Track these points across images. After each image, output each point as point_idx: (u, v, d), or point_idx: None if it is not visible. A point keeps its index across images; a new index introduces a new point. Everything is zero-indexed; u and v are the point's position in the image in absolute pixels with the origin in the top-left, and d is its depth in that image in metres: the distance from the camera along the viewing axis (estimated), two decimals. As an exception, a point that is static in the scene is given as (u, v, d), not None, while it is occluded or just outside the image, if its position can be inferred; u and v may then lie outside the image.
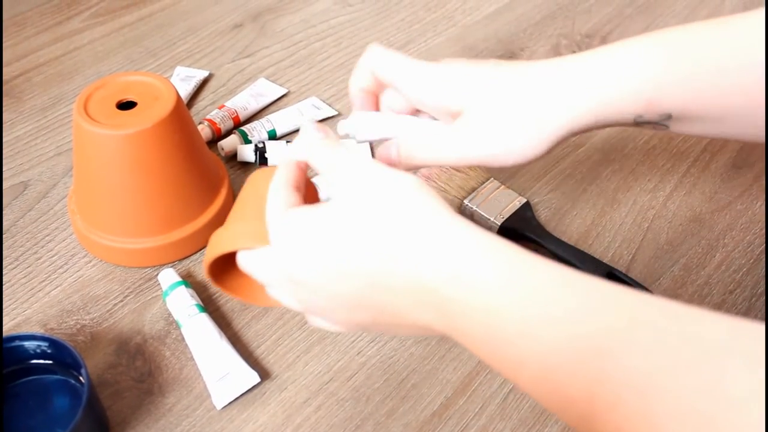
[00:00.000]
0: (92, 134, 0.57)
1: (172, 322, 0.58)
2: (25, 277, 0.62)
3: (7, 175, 0.71)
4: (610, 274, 0.60)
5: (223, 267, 0.48)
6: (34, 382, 0.53)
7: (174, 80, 0.81)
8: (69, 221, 0.66)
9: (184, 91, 0.78)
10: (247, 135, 0.73)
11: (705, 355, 0.30)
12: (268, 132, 0.74)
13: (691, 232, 0.66)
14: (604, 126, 0.49)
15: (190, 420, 0.53)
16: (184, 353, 0.57)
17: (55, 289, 0.61)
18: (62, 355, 0.51)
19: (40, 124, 0.77)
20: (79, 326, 0.58)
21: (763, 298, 0.61)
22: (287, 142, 0.72)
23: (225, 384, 0.53)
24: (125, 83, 0.60)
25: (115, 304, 0.60)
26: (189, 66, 0.84)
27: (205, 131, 0.73)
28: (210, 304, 0.60)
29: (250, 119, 0.77)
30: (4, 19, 0.91)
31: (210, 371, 0.54)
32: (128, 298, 0.60)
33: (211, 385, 0.54)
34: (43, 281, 0.62)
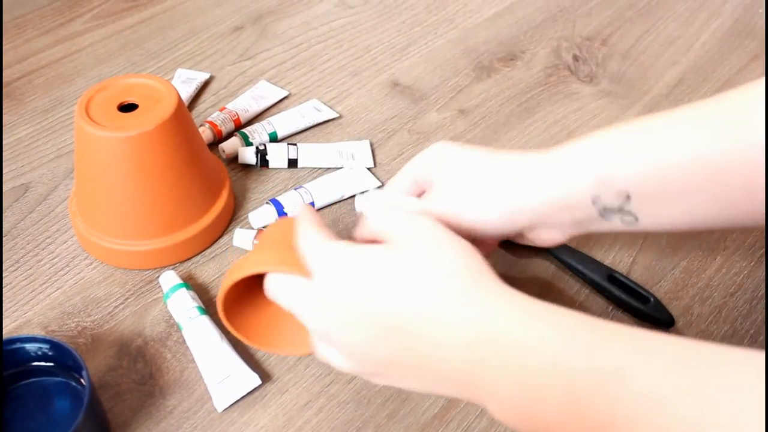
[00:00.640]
0: (94, 136, 0.57)
1: (173, 325, 0.58)
2: (26, 280, 0.62)
3: (7, 177, 0.71)
4: (611, 277, 0.61)
5: (235, 306, 0.49)
6: (35, 385, 0.53)
7: (175, 82, 0.81)
8: (70, 223, 0.66)
9: (186, 94, 0.79)
10: (248, 137, 0.73)
11: (720, 394, 0.31)
12: (269, 134, 0.74)
13: (691, 235, 0.66)
14: (571, 223, 0.48)
15: (191, 422, 0.53)
16: (185, 355, 0.56)
17: (56, 291, 0.61)
18: (63, 358, 0.51)
19: (41, 126, 0.77)
20: (80, 328, 0.58)
21: (764, 301, 0.61)
22: (288, 145, 0.72)
23: (226, 386, 0.53)
24: (127, 85, 0.60)
25: (116, 307, 0.60)
26: (190, 68, 0.84)
27: (206, 133, 0.73)
28: (211, 307, 0.60)
29: (251, 121, 0.77)
30: (6, 21, 0.91)
31: (211, 373, 0.54)
32: (129, 301, 0.60)
33: (212, 387, 0.54)
34: (44, 283, 0.62)
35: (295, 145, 0.72)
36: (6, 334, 0.58)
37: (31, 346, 0.51)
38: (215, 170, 0.66)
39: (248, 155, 0.71)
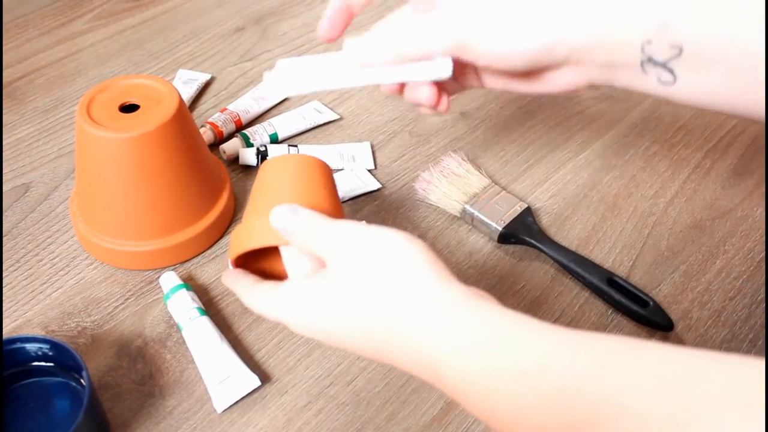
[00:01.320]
0: (95, 137, 0.57)
1: (173, 325, 0.58)
2: (26, 279, 0.62)
3: (8, 177, 0.71)
4: (611, 281, 0.61)
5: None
6: (34, 385, 0.53)
7: (176, 83, 0.81)
8: (70, 223, 0.66)
9: (187, 94, 0.79)
10: (249, 138, 0.73)
11: (702, 407, 0.30)
12: (270, 135, 0.74)
13: (691, 239, 0.66)
14: (602, 66, 0.44)
15: (191, 423, 0.53)
16: (184, 356, 0.57)
17: (56, 291, 0.61)
18: (63, 358, 0.51)
19: (41, 126, 0.77)
20: (80, 329, 0.58)
21: (763, 305, 0.61)
22: (289, 146, 0.72)
23: (226, 387, 0.53)
24: (128, 86, 0.60)
25: (116, 307, 0.60)
26: (191, 69, 0.84)
27: (207, 134, 0.73)
28: (211, 308, 0.60)
29: (252, 122, 0.77)
30: (7, 21, 0.91)
31: (211, 374, 0.54)
32: (129, 301, 0.60)
33: (211, 388, 0.54)
34: (45, 283, 0.62)
35: (296, 146, 0.72)
36: (6, 334, 0.58)
37: (31, 346, 0.51)
38: (216, 171, 0.66)
39: (249, 156, 0.71)
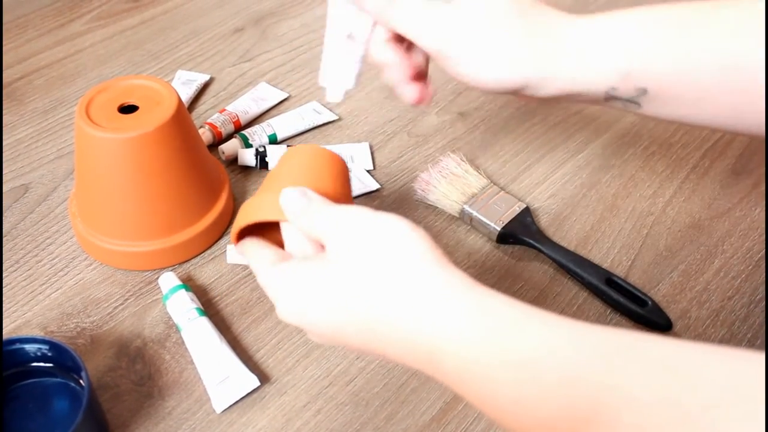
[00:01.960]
0: (94, 138, 0.57)
1: (172, 326, 0.58)
2: (26, 280, 0.62)
3: (7, 177, 0.71)
4: (609, 280, 0.61)
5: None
6: (34, 385, 0.53)
7: (175, 84, 0.81)
8: (70, 224, 0.66)
9: (186, 95, 0.79)
10: (248, 139, 0.73)
11: (708, 400, 0.30)
12: (269, 136, 0.74)
13: (690, 239, 0.66)
14: (573, 94, 0.46)
15: (190, 423, 0.53)
16: (184, 357, 0.57)
17: (55, 292, 0.61)
18: (62, 358, 0.51)
19: (41, 127, 0.77)
20: (79, 329, 0.59)
21: (761, 305, 0.61)
22: (288, 147, 0.72)
23: (225, 387, 0.54)
24: (127, 87, 0.61)
25: (116, 308, 0.60)
26: (190, 70, 0.84)
27: (206, 135, 0.73)
28: (210, 308, 0.60)
29: (250, 123, 0.77)
30: (6, 21, 0.91)
31: (210, 375, 0.54)
32: (128, 302, 0.61)
33: (210, 388, 0.54)
34: (44, 284, 0.62)
35: (295, 147, 0.73)
36: (5, 335, 0.58)
37: (30, 347, 0.51)
38: (215, 172, 0.66)
39: (248, 157, 0.71)
